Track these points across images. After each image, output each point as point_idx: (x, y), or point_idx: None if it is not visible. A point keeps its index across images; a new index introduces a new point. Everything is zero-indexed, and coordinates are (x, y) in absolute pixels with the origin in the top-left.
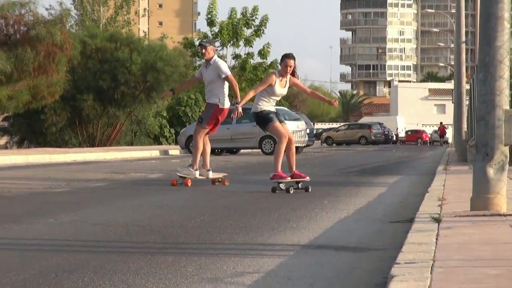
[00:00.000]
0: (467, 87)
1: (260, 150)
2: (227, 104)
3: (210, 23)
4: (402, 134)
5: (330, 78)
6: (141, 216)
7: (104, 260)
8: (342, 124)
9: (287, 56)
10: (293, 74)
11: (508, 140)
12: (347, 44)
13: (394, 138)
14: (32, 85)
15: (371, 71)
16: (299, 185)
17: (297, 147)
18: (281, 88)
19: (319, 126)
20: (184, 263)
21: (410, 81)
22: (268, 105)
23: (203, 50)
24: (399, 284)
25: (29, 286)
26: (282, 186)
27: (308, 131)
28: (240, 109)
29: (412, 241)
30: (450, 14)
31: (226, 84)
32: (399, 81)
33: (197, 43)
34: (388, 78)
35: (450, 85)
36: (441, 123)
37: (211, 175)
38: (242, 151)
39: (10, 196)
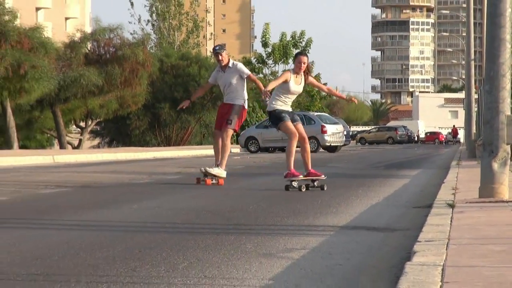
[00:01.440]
0: (476, 96)
1: None
2: (246, 105)
3: (264, 44)
4: (422, 135)
5: (363, 89)
6: (208, 202)
7: (178, 239)
8: (373, 127)
9: (300, 53)
10: (308, 72)
11: (510, 140)
12: (377, 61)
13: (416, 138)
14: (119, 96)
15: (396, 83)
16: (315, 183)
17: (335, 146)
18: (296, 85)
19: (354, 128)
20: (243, 241)
21: (428, 92)
22: (283, 105)
23: (220, 57)
24: (421, 258)
25: (117, 260)
26: (295, 184)
27: (345, 132)
28: (269, 89)
29: (430, 223)
30: (461, 36)
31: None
32: (420, 91)
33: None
34: (411, 90)
35: (461, 95)
36: (454, 126)
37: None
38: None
39: (102, 186)
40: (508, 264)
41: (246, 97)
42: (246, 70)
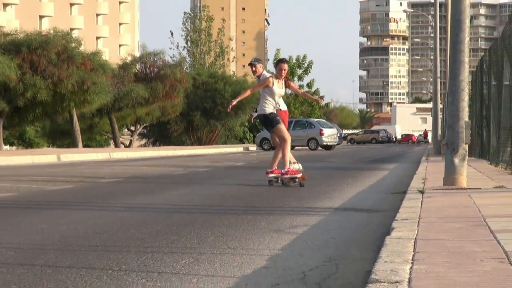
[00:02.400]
0: (441, 106)
1: (307, 147)
2: (268, 111)
3: (276, 65)
4: (399, 137)
5: (353, 100)
6: (231, 190)
7: (207, 218)
8: (360, 130)
9: (281, 61)
10: (288, 78)
11: (467, 140)
12: (363, 79)
13: (394, 139)
14: (161, 106)
15: (379, 96)
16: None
17: (331, 145)
18: (279, 88)
19: (345, 131)
20: (258, 219)
21: (404, 103)
22: (272, 107)
23: (253, 68)
24: (397, 233)
25: (159, 235)
26: (282, 180)
27: (338, 134)
28: (234, 103)
29: (405, 206)
30: (430, 59)
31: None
32: (397, 102)
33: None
34: (390, 101)
35: (430, 105)
36: (425, 129)
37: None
38: (296, 147)
39: (147, 177)
40: (466, 238)
41: (265, 104)
42: (257, 82)
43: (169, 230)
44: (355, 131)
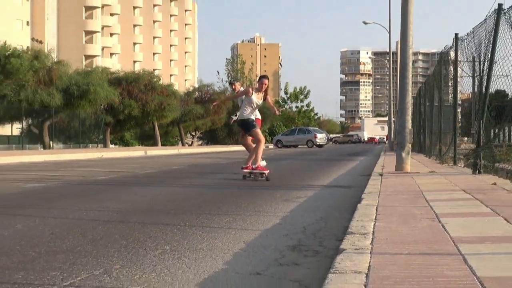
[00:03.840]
0: (394, 119)
1: (306, 146)
2: (246, 116)
3: (285, 93)
4: (366, 139)
5: (337, 116)
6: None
7: (242, 192)
8: (341, 134)
9: (263, 77)
10: (267, 93)
11: (410, 141)
12: (343, 102)
13: (363, 141)
14: (212, 119)
15: (353, 113)
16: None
17: (322, 145)
18: (258, 99)
19: (331, 135)
20: (275, 193)
21: (369, 117)
22: (250, 114)
23: (233, 86)
24: (365, 202)
25: (210, 203)
26: (252, 175)
27: (327, 137)
28: (215, 103)
29: (370, 184)
30: (386, 89)
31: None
32: (365, 117)
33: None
34: (360, 116)
35: (386, 118)
36: (386, 135)
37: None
38: (299, 146)
39: (203, 165)
40: (410, 205)
41: (244, 111)
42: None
43: (217, 200)
44: (338, 135)
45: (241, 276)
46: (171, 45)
